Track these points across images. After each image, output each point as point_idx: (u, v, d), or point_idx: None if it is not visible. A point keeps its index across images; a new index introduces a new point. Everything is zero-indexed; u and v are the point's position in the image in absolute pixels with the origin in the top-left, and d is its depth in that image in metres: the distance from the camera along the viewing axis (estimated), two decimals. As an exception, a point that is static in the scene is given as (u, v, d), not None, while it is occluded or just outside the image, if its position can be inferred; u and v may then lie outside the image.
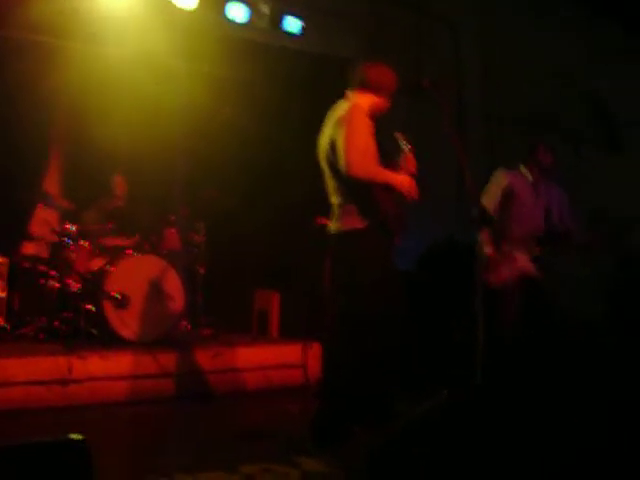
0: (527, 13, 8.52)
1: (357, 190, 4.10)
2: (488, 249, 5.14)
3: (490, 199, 5.50)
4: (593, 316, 7.20)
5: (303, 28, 7.09)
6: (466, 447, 2.74)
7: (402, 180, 4.17)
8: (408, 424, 3.00)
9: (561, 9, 8.74)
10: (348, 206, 4.16)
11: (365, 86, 4.27)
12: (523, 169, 5.59)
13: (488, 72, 8.66)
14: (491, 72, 8.65)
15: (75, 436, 1.74)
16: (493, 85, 8.65)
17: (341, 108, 4.21)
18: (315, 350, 5.97)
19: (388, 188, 4.13)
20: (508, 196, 5.51)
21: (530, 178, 5.57)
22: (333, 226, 4.26)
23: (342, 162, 4.02)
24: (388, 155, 4.28)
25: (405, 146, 4.28)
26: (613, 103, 9.06)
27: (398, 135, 4.30)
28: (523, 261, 5.42)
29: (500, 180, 5.56)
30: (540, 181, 5.58)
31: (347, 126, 4.05)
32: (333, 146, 4.12)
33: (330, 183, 4.26)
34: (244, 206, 7.44)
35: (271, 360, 6.09)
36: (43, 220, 6.49)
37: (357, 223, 4.13)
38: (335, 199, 4.25)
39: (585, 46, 8.82)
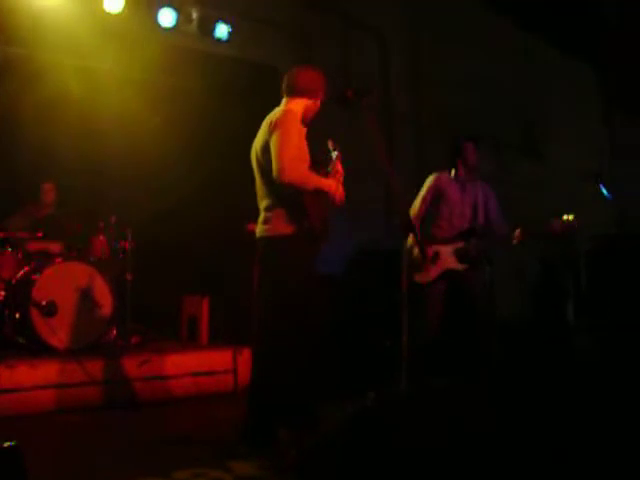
0: (456, 25, 8.75)
1: (286, 195, 4.16)
2: (415, 251, 5.27)
3: (420, 202, 5.73)
4: (516, 311, 7.43)
5: (230, 34, 7.14)
6: (394, 448, 2.83)
7: (330, 185, 4.25)
8: (337, 426, 3.07)
9: (489, 21, 9.00)
10: (276, 210, 4.21)
11: (296, 91, 4.35)
12: (452, 171, 5.77)
13: (416, 81, 8.86)
14: (419, 81, 8.85)
15: (6, 444, 1.76)
16: (421, 94, 8.85)
17: (274, 113, 4.27)
18: (245, 355, 6.01)
19: (317, 193, 4.19)
20: (437, 196, 5.72)
21: (457, 177, 5.75)
22: (259, 229, 4.31)
23: (275, 167, 4.06)
24: (317, 161, 4.36)
25: (334, 152, 4.37)
26: (537, 114, 9.37)
27: (328, 141, 4.39)
28: (447, 257, 5.58)
29: (429, 182, 5.77)
30: (467, 179, 5.75)
31: (279, 131, 4.10)
32: (265, 150, 4.17)
33: (260, 187, 4.31)
34: (174, 212, 7.43)
35: (201, 366, 6.08)
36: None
37: (283, 229, 4.18)
38: (263, 203, 4.29)
39: (512, 59, 9.10)
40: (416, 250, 5.21)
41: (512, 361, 6.17)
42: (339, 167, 4.37)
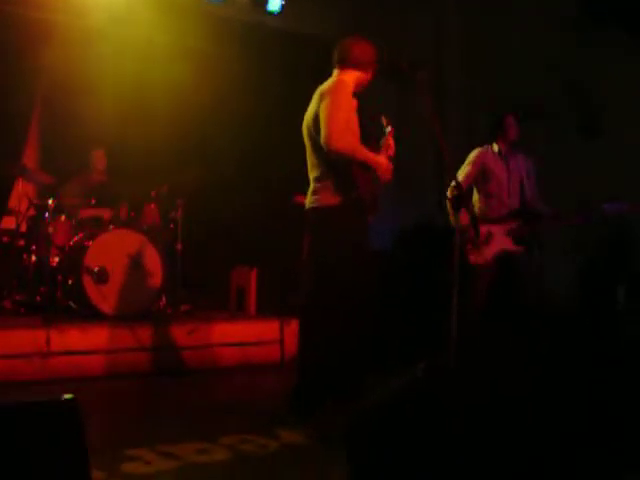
0: (512, 2, 8.58)
1: (335, 166, 4.14)
2: (467, 229, 5.16)
3: (463, 177, 5.45)
4: (565, 294, 7.31)
5: (283, 6, 7.12)
6: (442, 420, 2.80)
7: (379, 161, 4.20)
8: (385, 396, 3.05)
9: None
10: (324, 181, 4.19)
11: (348, 62, 4.30)
12: (495, 146, 5.64)
13: (469, 56, 8.72)
14: (472, 56, 8.71)
15: (66, 396, 1.79)
16: (474, 69, 8.71)
17: (325, 83, 4.25)
18: (293, 327, 6.02)
19: (365, 167, 4.16)
20: (482, 172, 5.53)
21: (500, 152, 5.59)
22: (308, 200, 4.29)
23: (323, 134, 4.03)
24: (369, 135, 4.33)
25: (386, 128, 4.33)
26: (595, 89, 9.15)
27: (380, 116, 4.35)
28: (502, 237, 5.46)
29: (473, 157, 5.56)
30: (510, 154, 5.60)
31: (330, 100, 4.08)
32: (315, 120, 4.14)
33: (310, 158, 4.30)
34: (223, 183, 7.47)
35: (249, 336, 6.14)
36: (22, 194, 6.47)
37: (331, 199, 4.16)
38: (313, 174, 4.27)
39: (568, 34, 8.89)
40: (469, 228, 5.10)
41: (558, 344, 6.08)
42: (391, 143, 4.32)
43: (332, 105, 4.06)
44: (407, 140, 4.50)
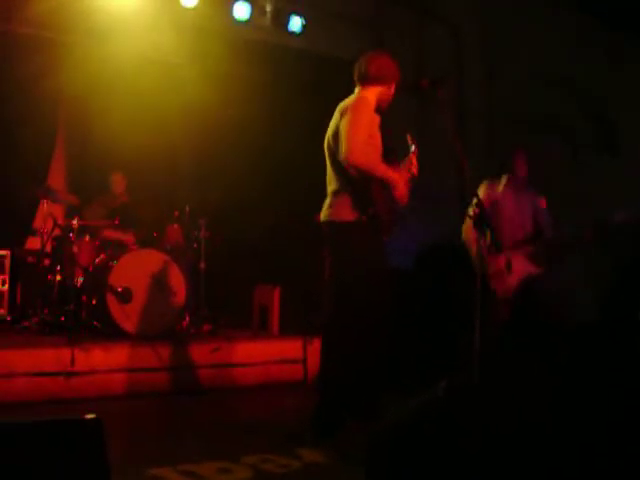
0: (529, 16, 8.60)
1: (353, 181, 4.11)
2: (488, 256, 5.12)
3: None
4: (586, 312, 7.24)
5: (304, 26, 7.17)
6: (463, 438, 2.80)
7: (395, 179, 4.17)
8: (406, 415, 3.06)
9: (562, 13, 8.82)
10: (341, 196, 4.17)
11: (368, 79, 4.29)
12: (504, 179, 5.61)
13: (489, 73, 8.73)
14: (492, 73, 8.72)
15: (89, 415, 1.82)
16: (494, 86, 8.72)
17: (347, 100, 4.25)
18: (315, 345, 6.02)
19: (384, 185, 4.14)
20: (494, 207, 5.45)
21: (509, 187, 5.58)
22: (323, 214, 4.27)
23: (342, 149, 4.03)
24: (391, 152, 4.32)
25: (411, 147, 4.31)
26: (612, 106, 9.13)
27: (406, 135, 4.33)
28: (522, 262, 5.44)
29: (482, 192, 5.47)
30: (521, 188, 5.59)
31: (350, 115, 4.07)
32: (336, 135, 4.14)
33: (329, 172, 4.28)
34: (246, 203, 7.52)
35: (271, 355, 6.15)
36: (47, 215, 6.56)
37: (347, 215, 4.14)
38: (330, 187, 4.25)
39: (587, 51, 8.89)
40: (487, 254, 5.03)
41: (579, 361, 6.03)
42: (414, 162, 4.29)
43: (353, 120, 4.06)
44: (427, 157, 4.49)
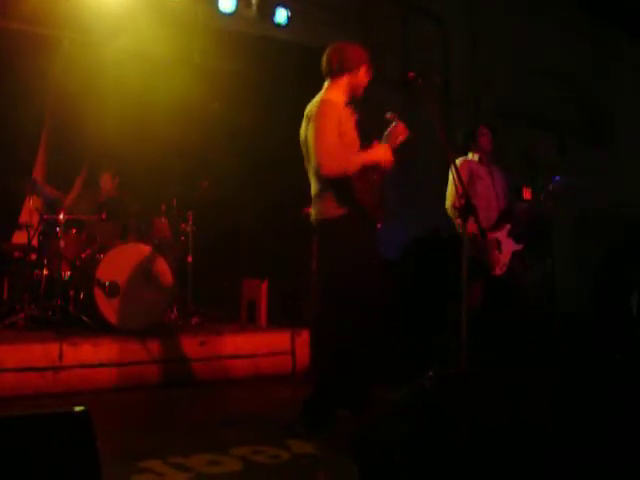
0: (514, 8, 8.62)
1: (333, 181, 4.12)
2: (475, 238, 5.16)
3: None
4: (578, 303, 7.30)
5: (290, 18, 7.16)
6: (451, 428, 2.82)
7: (376, 153, 4.17)
8: (394, 406, 3.07)
9: (547, 3, 8.85)
10: (325, 194, 4.17)
11: (333, 72, 4.25)
12: (471, 155, 5.69)
13: (475, 66, 8.75)
14: (477, 66, 8.74)
15: (78, 408, 1.82)
16: (479, 78, 8.74)
17: (312, 104, 4.22)
18: (304, 337, 6.05)
19: (364, 175, 4.12)
20: (472, 182, 5.54)
21: (481, 161, 5.68)
22: (312, 213, 4.29)
23: (313, 162, 4.07)
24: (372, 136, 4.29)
25: (394, 123, 4.25)
26: (600, 97, 9.17)
27: (386, 114, 4.29)
28: (507, 241, 5.54)
29: (460, 166, 5.47)
30: (489, 164, 5.71)
31: (313, 126, 4.06)
32: (306, 141, 4.15)
33: (309, 173, 4.29)
34: (233, 196, 7.51)
35: (260, 348, 6.15)
36: (33, 209, 6.53)
37: (333, 211, 4.14)
38: (313, 187, 4.27)
39: (573, 41, 8.92)
40: (476, 237, 5.08)
41: (572, 352, 6.09)
42: (399, 128, 4.22)
43: (318, 129, 4.05)
44: (413, 150, 4.50)
